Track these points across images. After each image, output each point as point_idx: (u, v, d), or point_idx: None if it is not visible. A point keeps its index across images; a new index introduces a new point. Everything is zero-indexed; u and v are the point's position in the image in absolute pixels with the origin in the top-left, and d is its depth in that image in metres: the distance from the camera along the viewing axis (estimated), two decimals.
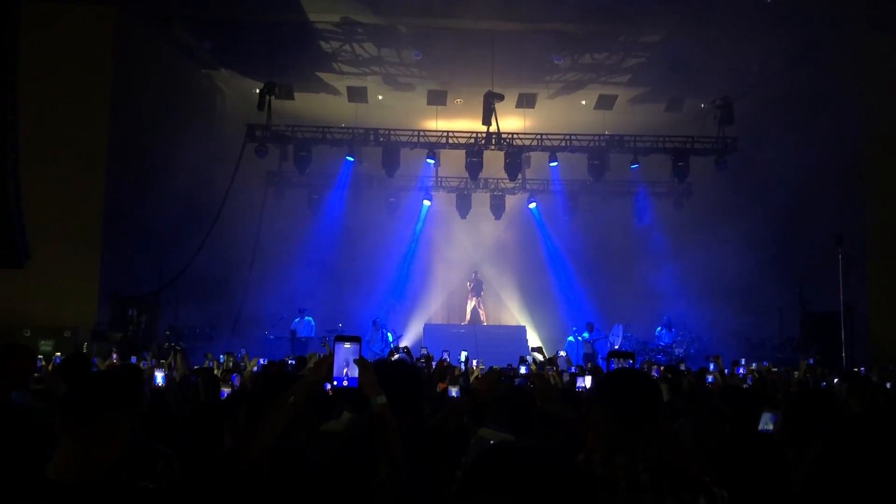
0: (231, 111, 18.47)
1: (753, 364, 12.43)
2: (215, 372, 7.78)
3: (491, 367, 6.28)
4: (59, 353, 11.00)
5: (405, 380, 3.03)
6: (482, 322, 20.89)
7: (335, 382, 2.58)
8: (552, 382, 7.06)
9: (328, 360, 2.57)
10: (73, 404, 2.22)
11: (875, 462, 1.53)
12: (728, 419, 4.19)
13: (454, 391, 5.22)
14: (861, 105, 15.13)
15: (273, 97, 16.20)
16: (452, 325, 20.86)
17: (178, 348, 11.18)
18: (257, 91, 16.38)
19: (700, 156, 17.01)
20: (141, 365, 8.31)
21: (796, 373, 9.79)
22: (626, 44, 15.86)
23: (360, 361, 2.56)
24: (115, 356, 9.43)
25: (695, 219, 18.71)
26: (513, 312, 21.81)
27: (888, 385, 7.71)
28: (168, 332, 14.87)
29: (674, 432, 2.89)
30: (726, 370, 10.12)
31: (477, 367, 9.82)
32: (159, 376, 5.37)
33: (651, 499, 2.17)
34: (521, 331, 19.55)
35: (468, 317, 21.12)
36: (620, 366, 2.90)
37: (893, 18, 13.87)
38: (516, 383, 2.93)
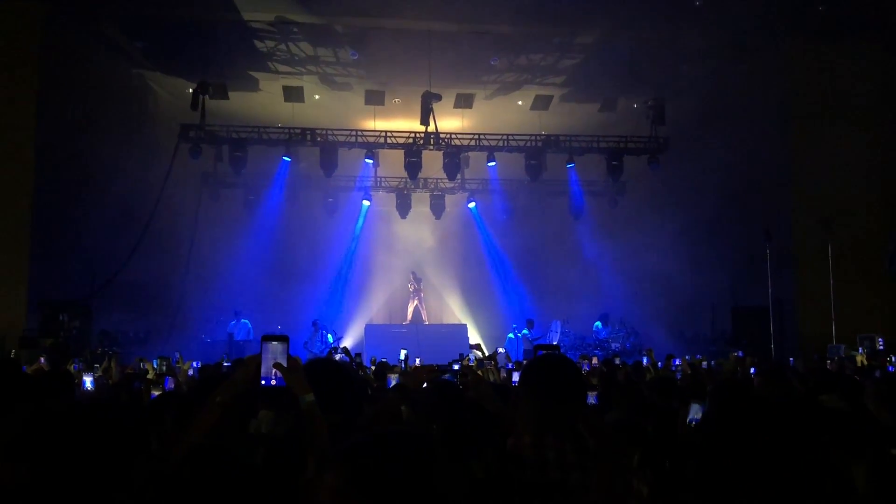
0: (164, 111, 18.07)
1: (687, 356, 12.79)
2: (149, 376, 7.66)
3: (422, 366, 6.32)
4: None
5: (334, 377, 3.05)
6: (424, 321, 20.94)
7: (263, 381, 2.57)
8: (490, 378, 7.18)
9: (256, 360, 2.58)
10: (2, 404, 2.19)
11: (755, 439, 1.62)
12: (658, 410, 4.32)
13: (393, 380, 5.27)
14: (786, 105, 15.65)
15: (207, 97, 15.94)
16: (393, 325, 20.86)
17: (111, 353, 10.97)
18: (191, 91, 16.10)
19: (633, 155, 17.36)
20: (72, 369, 8.12)
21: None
22: (561, 45, 16.08)
23: (289, 360, 2.56)
24: (42, 360, 9.20)
25: (629, 216, 19.13)
26: (454, 311, 21.94)
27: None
28: (100, 338, 14.52)
29: (598, 418, 2.99)
30: (660, 363, 10.41)
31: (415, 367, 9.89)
32: (88, 381, 5.27)
33: (578, 477, 2.26)
34: (461, 329, 19.68)
35: (409, 317, 21.16)
36: None
37: (815, 24, 14.39)
38: (446, 378, 2.99)
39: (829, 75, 15.14)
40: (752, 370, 9.10)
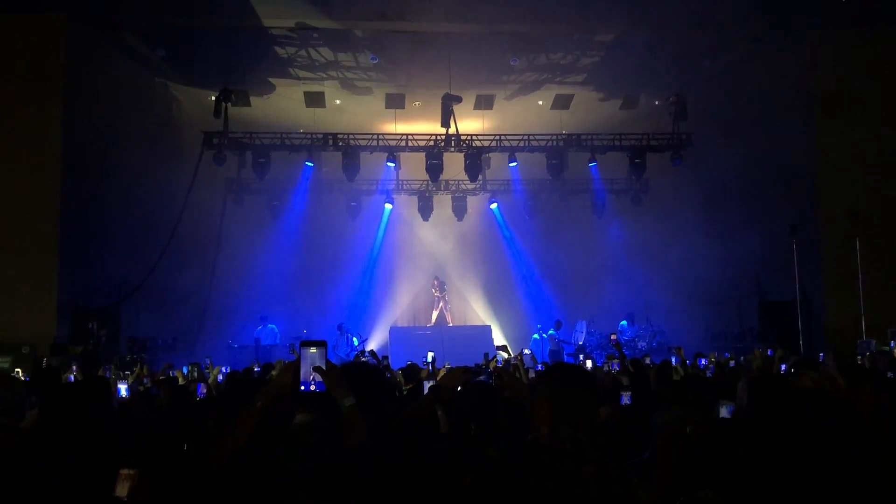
0: (187, 119, 18.26)
1: (714, 354, 12.70)
2: (180, 382, 7.73)
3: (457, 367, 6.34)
4: (18, 370, 10.81)
5: (367, 380, 3.08)
6: (448, 323, 20.95)
7: (302, 387, 2.61)
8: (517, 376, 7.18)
9: (294, 366, 2.61)
10: (50, 414, 2.24)
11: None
12: (691, 408, 4.30)
13: (428, 385, 5.27)
14: (809, 96, 15.46)
15: (229, 104, 16.07)
16: (418, 327, 20.91)
17: (140, 359, 11.09)
18: (213, 98, 16.24)
19: (656, 152, 17.25)
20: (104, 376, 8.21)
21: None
22: (581, 43, 16.03)
23: (327, 365, 2.60)
24: (75, 369, 9.31)
25: (653, 213, 19.02)
26: (478, 312, 21.93)
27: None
28: (129, 344, 14.67)
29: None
30: (688, 361, 10.33)
31: (444, 368, 9.88)
32: (123, 388, 5.32)
33: (593, 469, 2.30)
34: (486, 330, 19.66)
35: (434, 319, 21.18)
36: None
37: (836, 13, 14.22)
38: (482, 379, 3.01)
39: (852, 64, 14.94)
40: (782, 366, 9.01)
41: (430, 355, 10.15)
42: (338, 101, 18.23)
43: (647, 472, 3.21)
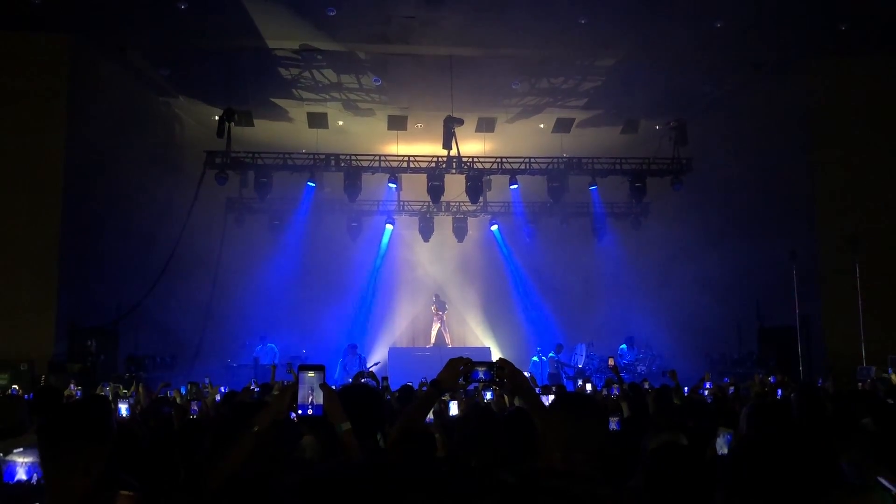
0: (190, 138, 18.34)
1: (710, 373, 12.66)
2: (178, 401, 7.70)
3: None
4: (15, 386, 10.78)
5: (367, 404, 3.09)
6: (447, 344, 20.90)
7: (300, 411, 2.61)
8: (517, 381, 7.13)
9: (292, 389, 2.62)
10: (49, 435, 2.24)
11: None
12: (689, 434, 4.28)
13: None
14: (809, 122, 15.54)
15: (232, 124, 16.11)
16: (417, 348, 20.87)
17: (137, 377, 11.05)
18: (216, 118, 16.31)
19: (656, 176, 17.27)
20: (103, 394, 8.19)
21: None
22: (582, 68, 16.13)
23: (325, 388, 2.60)
24: (73, 387, 9.29)
25: (653, 237, 19.03)
26: (477, 334, 21.90)
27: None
28: (127, 363, 14.64)
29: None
30: (685, 388, 10.29)
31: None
32: (123, 408, 5.31)
33: (607, 492, 2.35)
34: (485, 352, 19.59)
35: (433, 340, 21.15)
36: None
37: (836, 41, 14.34)
38: (482, 375, 2.98)
39: (851, 91, 15.05)
40: (778, 392, 8.99)
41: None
42: (340, 123, 18.32)
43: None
